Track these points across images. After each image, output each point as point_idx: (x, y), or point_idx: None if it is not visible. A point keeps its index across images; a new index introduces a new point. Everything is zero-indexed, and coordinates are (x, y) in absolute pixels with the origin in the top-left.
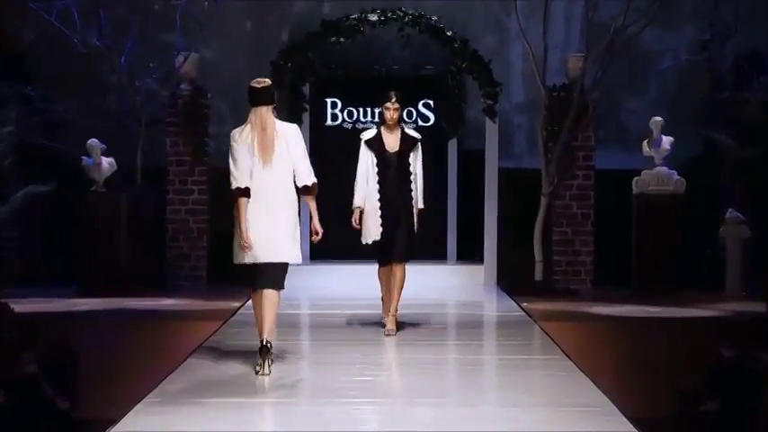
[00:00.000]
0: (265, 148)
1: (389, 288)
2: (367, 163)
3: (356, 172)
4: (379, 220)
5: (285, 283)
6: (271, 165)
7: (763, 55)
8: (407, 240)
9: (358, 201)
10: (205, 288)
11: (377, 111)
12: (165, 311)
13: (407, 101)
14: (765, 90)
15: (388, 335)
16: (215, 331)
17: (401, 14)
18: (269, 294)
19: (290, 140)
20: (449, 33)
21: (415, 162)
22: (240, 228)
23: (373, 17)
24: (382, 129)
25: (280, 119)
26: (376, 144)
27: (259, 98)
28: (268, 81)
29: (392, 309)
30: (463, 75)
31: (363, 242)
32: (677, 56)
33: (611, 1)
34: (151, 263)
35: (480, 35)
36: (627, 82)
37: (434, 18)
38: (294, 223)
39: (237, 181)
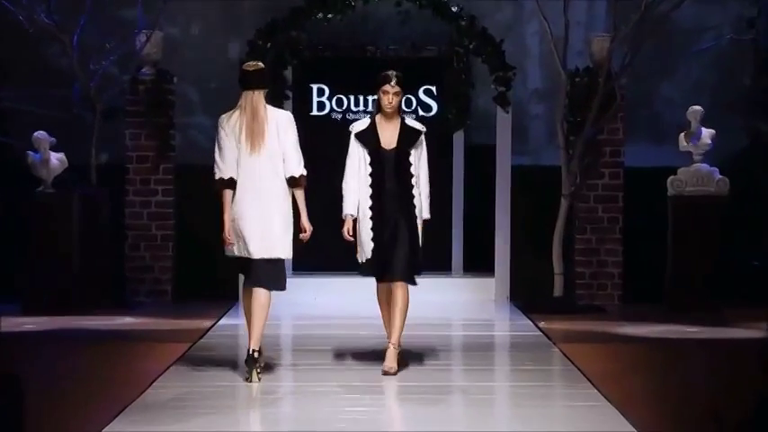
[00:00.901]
0: (254, 135)
1: (390, 312)
2: (358, 161)
3: (345, 170)
4: (371, 233)
5: (285, 284)
6: (260, 153)
7: None
8: (409, 256)
9: (349, 207)
10: (170, 305)
11: (371, 99)
12: (124, 332)
13: (406, 87)
14: None
15: (386, 373)
16: (182, 355)
17: None
18: (258, 295)
19: (281, 127)
20: (454, 9)
21: (419, 160)
22: (223, 224)
23: None
24: (378, 118)
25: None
26: (369, 137)
27: (250, 82)
28: (260, 64)
29: (393, 339)
30: (471, 57)
31: (359, 260)
32: (719, 35)
33: None
34: (107, 276)
35: (491, 11)
36: (661, 65)
37: None
38: (287, 215)
39: (221, 171)
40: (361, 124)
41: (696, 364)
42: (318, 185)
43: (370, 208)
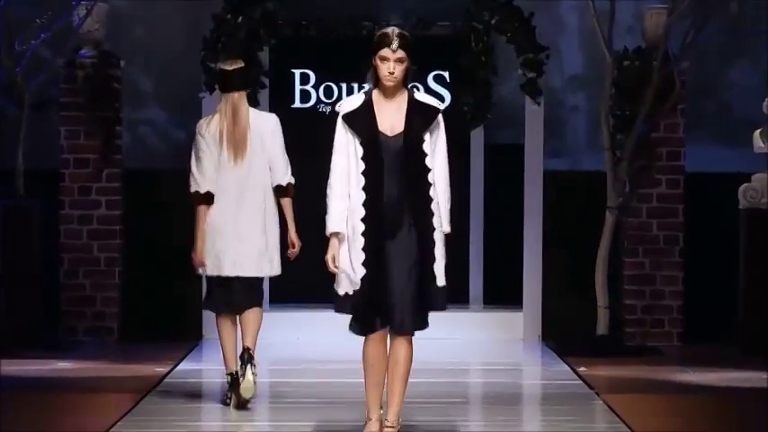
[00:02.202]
0: (236, 141)
1: (381, 375)
2: (348, 154)
3: (330, 170)
4: (361, 255)
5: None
6: (242, 161)
7: None
8: (418, 292)
9: (334, 222)
10: (116, 346)
11: (367, 87)
12: (58, 380)
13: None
14: None
15: None
16: (131, 408)
17: None
18: (250, 313)
19: (265, 132)
20: None
21: (434, 150)
22: (197, 239)
23: None
24: (375, 95)
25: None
26: (363, 120)
27: (230, 82)
28: (241, 62)
29: (390, 416)
30: (493, 35)
31: (337, 291)
32: None
33: None
34: (37, 309)
35: None
36: (730, 46)
37: None
38: (272, 228)
39: (198, 184)
40: (351, 102)
41: None
42: (301, 196)
43: (363, 220)
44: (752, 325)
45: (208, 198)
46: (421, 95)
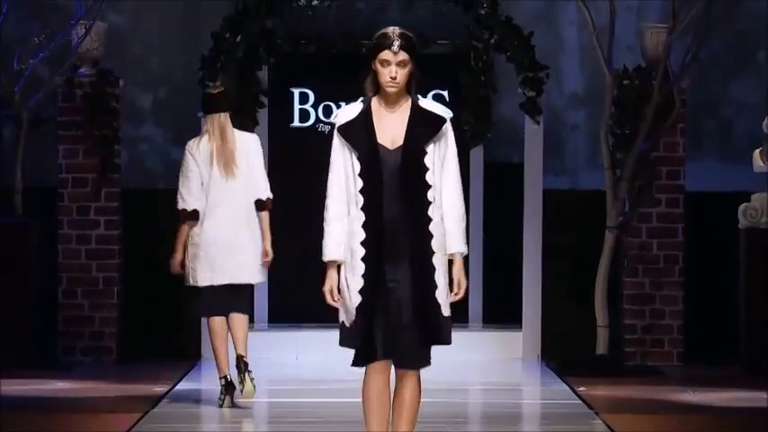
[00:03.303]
0: (226, 159)
1: (383, 416)
2: (345, 170)
3: (327, 188)
4: (360, 282)
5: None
6: (232, 177)
7: None
8: (421, 323)
9: (331, 248)
10: (115, 366)
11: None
12: (56, 400)
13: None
14: None
15: None
16: (129, 429)
17: None
18: (238, 318)
19: (250, 151)
20: None
21: (441, 163)
22: (174, 251)
23: None
24: (374, 103)
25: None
26: (360, 132)
27: (215, 105)
28: (222, 87)
29: None
30: (492, 53)
31: (346, 323)
32: None
33: None
34: (35, 328)
35: None
36: (732, 64)
37: None
38: (259, 239)
39: (185, 202)
40: (347, 112)
41: None
42: (299, 216)
43: (363, 244)
44: (752, 344)
45: (194, 215)
46: (426, 103)
